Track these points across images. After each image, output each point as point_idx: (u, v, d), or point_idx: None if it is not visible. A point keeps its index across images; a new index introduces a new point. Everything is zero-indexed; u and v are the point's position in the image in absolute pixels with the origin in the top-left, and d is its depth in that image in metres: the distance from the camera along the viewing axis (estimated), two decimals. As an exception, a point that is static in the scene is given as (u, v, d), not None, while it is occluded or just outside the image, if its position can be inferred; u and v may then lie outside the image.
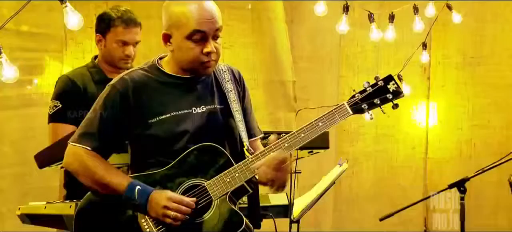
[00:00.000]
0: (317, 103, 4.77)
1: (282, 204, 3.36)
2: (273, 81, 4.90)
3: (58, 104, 3.19)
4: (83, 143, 2.34)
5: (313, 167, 4.30)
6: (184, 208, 2.27)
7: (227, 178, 2.32)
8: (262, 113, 4.71)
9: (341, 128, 5.11)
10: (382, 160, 5.28)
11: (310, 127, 2.32)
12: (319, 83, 5.09)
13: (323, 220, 5.11)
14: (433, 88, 5.29)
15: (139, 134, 2.36)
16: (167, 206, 2.26)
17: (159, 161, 2.35)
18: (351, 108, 2.34)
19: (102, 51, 3.22)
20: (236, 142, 2.44)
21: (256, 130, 2.55)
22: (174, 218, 2.26)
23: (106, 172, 2.31)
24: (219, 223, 2.30)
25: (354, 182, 5.26)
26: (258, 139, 2.57)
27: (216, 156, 2.34)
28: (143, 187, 2.29)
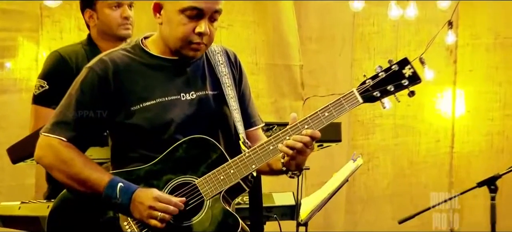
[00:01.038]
0: (328, 90, 4.74)
1: (288, 204, 3.39)
2: (277, 65, 4.87)
3: (45, 85, 3.17)
4: (57, 133, 2.32)
5: (323, 163, 4.30)
6: (172, 208, 2.25)
7: (220, 175, 2.30)
8: (265, 101, 4.69)
9: (355, 118, 5.08)
10: (401, 155, 5.25)
11: (314, 118, 2.30)
12: (330, 68, 5.06)
13: (334, 223, 5.10)
14: (460, 72, 5.25)
15: (120, 124, 2.33)
16: (153, 207, 2.24)
17: (143, 156, 2.33)
18: (361, 95, 2.31)
19: (97, 26, 3.19)
20: (231, 134, 2.42)
21: (256, 118, 2.54)
22: (161, 220, 2.24)
23: (84, 166, 2.30)
24: (211, 225, 2.28)
25: (370, 180, 5.23)
26: (260, 128, 2.56)
27: (208, 150, 2.32)
28: (126, 185, 2.27)
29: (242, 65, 2.51)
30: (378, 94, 2.31)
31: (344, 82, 4.99)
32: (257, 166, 2.30)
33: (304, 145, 2.25)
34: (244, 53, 2.57)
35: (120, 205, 2.27)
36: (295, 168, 2.32)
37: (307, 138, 2.25)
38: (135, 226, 2.29)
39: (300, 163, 2.30)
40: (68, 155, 2.31)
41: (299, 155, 2.27)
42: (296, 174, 2.35)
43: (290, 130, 2.29)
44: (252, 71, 4.59)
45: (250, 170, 2.31)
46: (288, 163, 2.30)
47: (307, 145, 2.26)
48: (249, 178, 2.34)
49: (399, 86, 2.31)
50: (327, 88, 4.81)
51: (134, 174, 2.32)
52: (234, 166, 2.30)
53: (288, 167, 2.32)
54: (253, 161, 2.30)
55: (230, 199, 2.35)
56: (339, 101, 2.30)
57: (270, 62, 4.83)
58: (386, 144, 5.23)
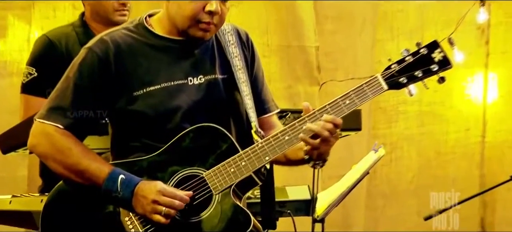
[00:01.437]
0: (347, 74, 4.74)
1: (303, 198, 3.42)
2: (291, 46, 4.87)
3: (34, 72, 3.18)
4: (53, 119, 2.33)
5: (341, 154, 4.28)
6: (178, 203, 2.26)
7: (231, 167, 2.31)
8: (277, 86, 4.69)
9: (376, 105, 5.08)
10: (427, 145, 5.24)
11: (334, 106, 2.30)
12: (349, 49, 5.05)
13: (353, 219, 5.10)
14: (492, 54, 5.22)
15: (121, 110, 2.35)
16: (157, 201, 2.25)
17: (146, 145, 2.35)
18: (386, 82, 2.32)
19: (91, 5, 3.20)
20: (243, 122, 2.43)
21: (270, 103, 2.55)
22: (166, 215, 2.25)
23: (82, 156, 2.31)
24: (220, 222, 2.29)
25: (393, 172, 5.23)
26: (274, 115, 2.56)
27: (218, 140, 2.33)
28: (127, 177, 2.28)
29: (255, 45, 2.51)
30: (404, 80, 2.32)
31: (365, 65, 4.98)
32: (271, 158, 2.31)
33: (328, 132, 2.26)
34: (254, 33, 2.57)
35: (121, 199, 2.28)
36: (318, 158, 2.33)
37: (330, 125, 2.26)
38: (137, 222, 2.30)
39: (323, 152, 2.31)
40: (65, 143, 2.32)
41: (323, 144, 2.28)
42: (319, 164, 2.36)
43: (307, 119, 2.30)
44: (263, 53, 4.58)
45: (263, 162, 2.31)
46: (311, 152, 2.31)
47: (331, 133, 2.26)
48: (262, 170, 2.35)
49: (428, 72, 2.31)
50: (345, 72, 4.80)
51: (136, 166, 2.33)
52: (245, 158, 2.31)
53: (311, 157, 2.33)
54: (267, 153, 2.31)
55: (241, 194, 2.36)
56: (361, 88, 2.31)
57: (283, 43, 4.83)
58: (410, 133, 5.22)
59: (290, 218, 3.41)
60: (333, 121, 2.27)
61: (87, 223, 2.33)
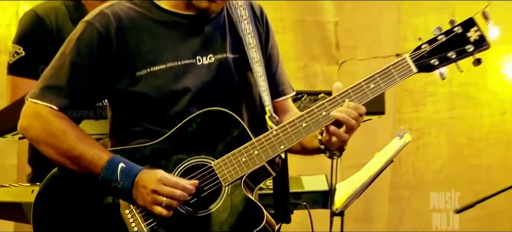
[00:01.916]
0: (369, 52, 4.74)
1: (320, 190, 3.45)
2: (307, 22, 4.87)
3: (21, 51, 3.20)
4: (47, 99, 2.34)
5: (362, 140, 4.31)
6: (179, 193, 2.26)
7: (242, 156, 2.32)
8: (291, 66, 4.70)
9: (402, 86, 5.08)
10: (458, 130, 5.24)
11: (357, 90, 2.32)
12: (371, 25, 5.04)
13: (375, 213, 5.12)
14: (532, 29, 5.20)
15: (122, 92, 2.36)
16: (157, 190, 2.26)
17: (149, 131, 2.36)
18: (415, 64, 2.33)
19: None
20: (256, 106, 2.44)
21: (286, 86, 2.55)
22: (167, 206, 2.26)
23: (78, 141, 2.33)
24: (230, 217, 2.30)
25: (420, 161, 5.24)
26: (290, 98, 2.57)
27: (228, 126, 2.34)
28: (128, 165, 2.30)
29: (270, 21, 2.52)
30: (436, 62, 2.32)
31: (389, 42, 4.98)
32: (286, 146, 2.32)
33: (353, 121, 2.27)
34: (266, 7, 2.56)
35: (121, 189, 2.29)
36: (336, 147, 2.34)
37: (355, 112, 2.27)
38: (138, 215, 2.32)
39: (343, 142, 2.32)
40: (59, 126, 2.33)
41: (344, 133, 2.29)
42: (337, 154, 2.37)
43: (328, 104, 2.30)
44: (276, 29, 4.53)
45: (278, 151, 2.32)
46: (328, 141, 2.32)
47: (355, 121, 2.28)
48: (276, 160, 2.36)
49: (462, 53, 2.32)
50: (367, 50, 4.80)
51: (138, 153, 2.34)
52: (258, 146, 2.32)
53: (327, 146, 2.34)
54: (282, 141, 2.32)
55: (253, 185, 2.37)
56: (388, 71, 2.31)
57: (298, 18, 4.83)
58: (440, 117, 5.22)
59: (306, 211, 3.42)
60: (357, 109, 2.28)
61: (83, 216, 2.34)
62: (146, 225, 2.31)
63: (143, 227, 2.31)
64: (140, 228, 2.30)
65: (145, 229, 2.30)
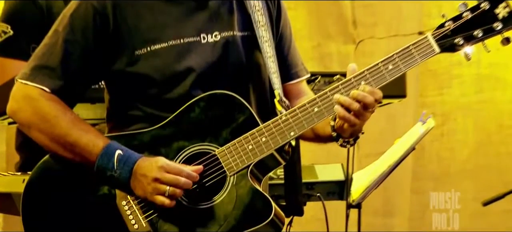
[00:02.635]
0: (389, 30, 4.73)
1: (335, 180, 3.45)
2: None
3: (8, 30, 3.22)
4: (39, 81, 2.35)
5: (382, 126, 4.31)
6: (183, 180, 2.27)
7: (249, 144, 2.32)
8: (305, 45, 4.70)
9: (425, 68, 5.07)
10: (487, 116, 5.22)
11: (374, 72, 2.30)
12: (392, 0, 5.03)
13: (396, 205, 5.12)
14: None
15: (120, 72, 2.37)
16: (159, 179, 2.26)
17: (148, 115, 2.37)
18: (438, 43, 2.32)
19: None
20: (265, 89, 2.45)
21: (299, 68, 2.56)
22: (171, 195, 2.26)
23: (72, 126, 2.34)
24: (235, 210, 2.31)
25: (444, 149, 5.24)
26: (304, 81, 2.58)
27: (234, 111, 2.34)
28: (125, 153, 2.31)
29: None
30: (460, 41, 2.31)
31: (410, 19, 4.96)
32: (296, 133, 2.32)
33: (364, 105, 2.26)
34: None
35: (118, 179, 2.30)
36: (349, 135, 2.33)
37: (370, 97, 2.25)
38: (136, 207, 2.32)
39: (356, 129, 2.31)
40: (52, 110, 2.34)
41: (356, 119, 2.28)
42: (350, 142, 2.36)
43: (342, 87, 2.30)
44: (288, 5, 4.52)
45: (288, 138, 2.32)
46: (340, 128, 2.32)
47: (368, 106, 2.27)
48: (286, 148, 2.36)
49: (490, 31, 2.30)
50: (387, 28, 4.79)
51: (136, 139, 2.35)
52: (267, 133, 2.32)
53: (340, 133, 2.34)
54: (292, 127, 2.32)
55: (260, 175, 2.37)
56: (408, 50, 2.30)
57: (312, -7, 4.84)
58: (466, 101, 5.21)
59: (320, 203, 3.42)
60: (373, 94, 2.27)
61: (77, 208, 2.35)
62: (145, 218, 2.32)
63: (141, 219, 2.31)
64: (138, 221, 2.31)
65: (143, 222, 2.31)
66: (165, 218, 2.31)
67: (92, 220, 2.34)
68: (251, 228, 2.28)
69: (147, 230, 2.31)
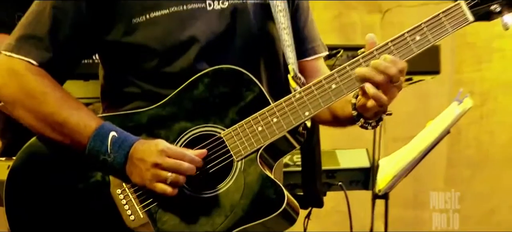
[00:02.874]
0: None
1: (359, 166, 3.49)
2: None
3: None
4: (25, 52, 2.36)
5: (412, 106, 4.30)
6: (186, 165, 2.26)
7: (258, 125, 2.32)
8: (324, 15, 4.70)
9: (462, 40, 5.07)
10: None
11: (399, 43, 2.29)
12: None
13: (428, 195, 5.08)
14: None
15: (116, 43, 2.37)
16: (159, 164, 2.26)
17: (146, 92, 2.37)
18: (471, 11, 2.30)
19: None
20: (278, 64, 2.45)
21: (316, 43, 2.56)
22: (172, 183, 2.26)
23: (62, 104, 2.34)
24: (243, 199, 2.30)
25: (483, 132, 5.25)
26: (321, 58, 2.58)
27: (241, 88, 2.34)
28: (120, 135, 2.31)
29: None
30: (497, 8, 2.29)
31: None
32: (311, 113, 2.31)
33: (387, 78, 2.24)
34: None
35: (112, 164, 2.30)
36: (372, 115, 2.32)
37: (393, 68, 2.23)
38: (132, 196, 2.32)
39: (381, 107, 2.29)
40: (39, 86, 2.34)
41: (382, 94, 2.25)
42: (372, 124, 2.36)
43: (363, 61, 2.29)
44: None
45: (302, 118, 2.32)
46: (363, 106, 2.30)
47: (394, 79, 2.24)
48: (300, 130, 2.35)
49: None
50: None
51: (132, 120, 2.35)
52: (278, 113, 2.32)
53: (361, 113, 2.32)
54: (306, 106, 2.31)
55: (271, 161, 2.37)
56: (437, 19, 2.29)
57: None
58: (508, 78, 5.21)
59: (341, 193, 3.43)
60: (395, 63, 2.24)
61: (66, 197, 2.35)
62: (142, 208, 2.32)
63: (138, 210, 2.31)
64: (134, 211, 2.31)
65: (140, 212, 2.31)
66: (164, 208, 2.31)
67: (83, 210, 2.34)
68: (260, 220, 2.27)
69: (145, 221, 2.31)
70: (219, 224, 2.29)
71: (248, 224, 2.28)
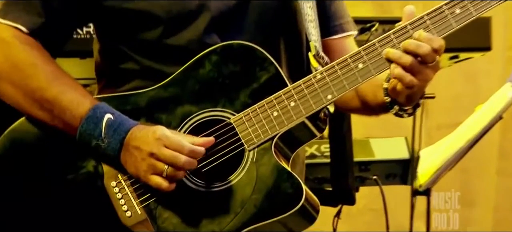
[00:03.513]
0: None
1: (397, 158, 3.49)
2: None
3: None
4: (13, 17, 2.38)
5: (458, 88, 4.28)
6: (185, 158, 2.25)
7: (273, 109, 2.32)
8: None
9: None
10: None
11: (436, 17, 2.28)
12: None
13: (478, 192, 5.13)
14: None
15: (115, 10, 2.38)
16: (155, 154, 2.26)
17: (146, 69, 2.38)
18: None
19: None
20: (298, 41, 2.45)
21: (345, 20, 2.57)
22: (169, 176, 2.25)
23: (54, 79, 2.35)
24: (255, 194, 2.29)
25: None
26: (351, 37, 2.59)
27: (255, 67, 2.34)
28: (117, 118, 2.31)
29: None
30: None
31: None
32: (335, 96, 2.30)
33: (419, 57, 2.23)
34: None
35: (106, 150, 2.30)
36: (406, 100, 2.32)
37: (425, 47, 2.22)
38: (129, 189, 2.32)
39: (414, 91, 2.29)
40: (28, 57, 2.35)
41: (412, 77, 2.25)
42: (407, 111, 2.36)
43: (394, 36, 2.28)
44: None
45: (324, 103, 2.31)
46: (394, 90, 2.30)
47: (426, 59, 2.23)
48: (321, 116, 2.35)
49: None
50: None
51: (129, 103, 2.35)
52: (296, 95, 2.31)
53: (394, 98, 2.33)
54: (329, 88, 2.30)
55: (288, 151, 2.37)
56: None
57: None
58: None
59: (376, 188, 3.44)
60: (430, 42, 2.23)
61: (54, 189, 2.35)
62: (140, 203, 2.31)
63: (136, 205, 2.31)
64: (131, 207, 2.31)
65: (138, 208, 2.31)
66: (165, 204, 2.31)
67: (73, 205, 2.34)
68: (275, 217, 2.27)
69: (143, 218, 2.31)
70: (227, 222, 2.29)
71: (260, 223, 2.28)
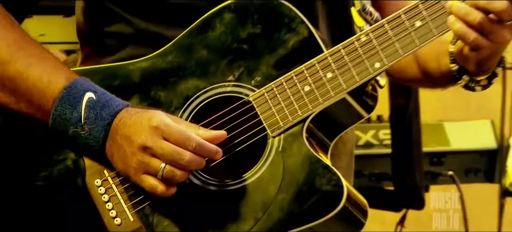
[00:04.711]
0: None
1: (480, 148, 3.43)
2: None
3: None
4: None
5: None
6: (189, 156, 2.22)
7: (304, 83, 2.30)
8: None
9: None
10: None
11: None
12: None
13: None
14: None
15: None
16: (150, 148, 2.26)
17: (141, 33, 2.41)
18: None
19: None
20: None
21: None
22: (166, 179, 2.24)
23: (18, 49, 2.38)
24: (282, 193, 2.29)
25: None
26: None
27: (280, 28, 2.33)
28: (101, 96, 2.31)
29: None
30: None
31: None
32: (384, 64, 2.29)
33: (492, 15, 2.21)
34: None
35: (87, 140, 2.30)
36: (477, 67, 2.31)
37: (501, 2, 2.19)
38: (118, 189, 2.32)
39: (487, 57, 2.29)
40: None
41: (483, 39, 2.23)
42: (481, 82, 2.36)
43: None
44: None
45: (370, 73, 2.30)
46: (461, 54, 2.30)
47: (502, 17, 2.21)
48: (369, 90, 2.33)
49: None
50: None
51: (119, 75, 2.37)
52: (334, 64, 2.30)
53: (462, 65, 2.34)
54: (377, 54, 2.30)
55: (326, 138, 2.37)
56: None
57: None
58: None
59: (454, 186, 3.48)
60: None
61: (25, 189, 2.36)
62: (132, 207, 2.32)
63: (126, 210, 2.32)
64: (120, 211, 2.31)
65: (129, 213, 2.31)
66: (165, 209, 2.32)
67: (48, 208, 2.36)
68: (307, 224, 2.26)
69: (136, 227, 2.31)
70: (246, 231, 2.28)
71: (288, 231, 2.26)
